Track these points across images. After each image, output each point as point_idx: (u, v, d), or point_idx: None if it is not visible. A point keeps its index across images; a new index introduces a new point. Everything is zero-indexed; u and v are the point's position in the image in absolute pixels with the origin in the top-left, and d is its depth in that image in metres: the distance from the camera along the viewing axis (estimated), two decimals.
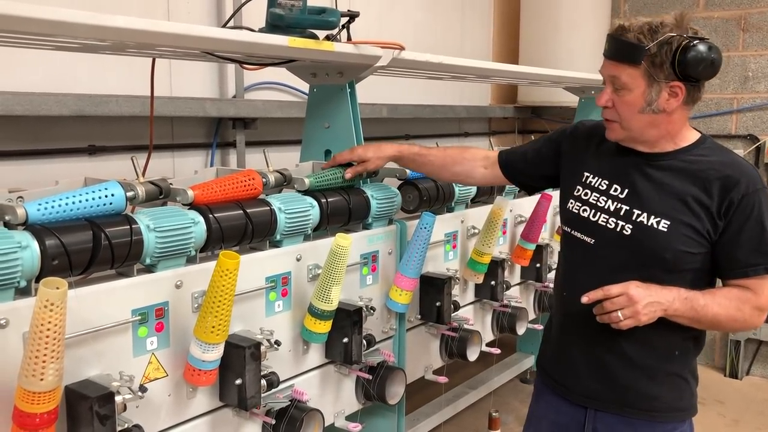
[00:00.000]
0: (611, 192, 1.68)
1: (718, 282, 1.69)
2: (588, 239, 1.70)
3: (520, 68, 3.27)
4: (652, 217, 1.60)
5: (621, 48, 1.56)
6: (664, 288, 1.57)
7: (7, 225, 1.35)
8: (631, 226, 1.63)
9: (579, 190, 1.74)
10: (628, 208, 1.64)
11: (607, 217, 1.66)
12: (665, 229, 1.59)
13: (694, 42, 1.50)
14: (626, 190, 1.66)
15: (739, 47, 4.20)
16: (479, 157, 2.04)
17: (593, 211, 1.69)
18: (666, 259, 1.60)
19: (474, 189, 2.57)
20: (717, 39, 4.22)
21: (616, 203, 1.66)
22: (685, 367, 1.72)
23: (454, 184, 2.45)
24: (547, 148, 1.91)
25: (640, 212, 1.62)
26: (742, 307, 1.59)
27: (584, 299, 1.58)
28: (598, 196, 1.70)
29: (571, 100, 3.90)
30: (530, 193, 2.11)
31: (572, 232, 1.74)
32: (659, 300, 1.54)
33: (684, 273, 1.61)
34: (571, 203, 1.75)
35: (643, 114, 1.58)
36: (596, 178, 1.72)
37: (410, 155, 2.07)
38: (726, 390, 4.09)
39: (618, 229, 1.64)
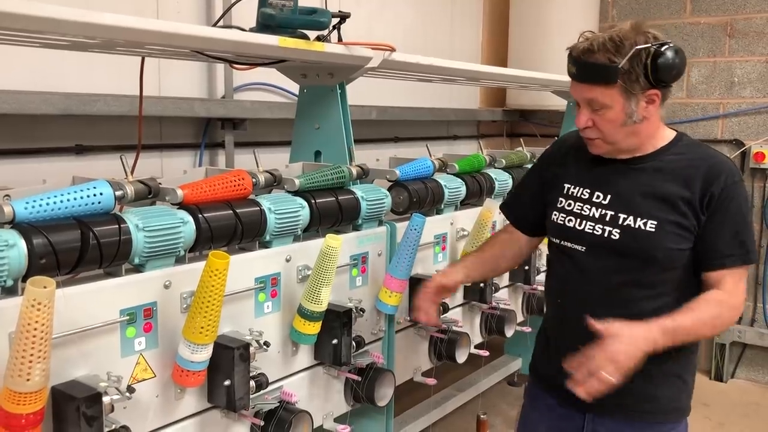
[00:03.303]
0: (594, 200, 1.69)
1: None
2: (579, 247, 1.71)
3: (509, 71, 3.29)
4: (639, 219, 1.62)
5: (592, 71, 1.56)
6: (645, 326, 1.52)
7: None
8: (618, 231, 1.64)
9: (561, 201, 1.76)
10: (613, 213, 1.65)
11: (593, 224, 1.68)
12: (653, 229, 1.60)
13: (662, 49, 1.52)
14: (609, 196, 1.68)
15: (726, 53, 4.24)
16: (506, 240, 1.96)
17: (578, 220, 1.71)
18: (657, 259, 1.61)
19: (464, 190, 2.57)
20: (703, 44, 4.26)
21: (600, 210, 1.67)
22: (683, 366, 1.73)
23: (443, 186, 2.45)
24: (534, 182, 1.90)
25: (626, 216, 1.64)
26: (721, 313, 1.60)
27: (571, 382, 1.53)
28: (582, 205, 1.71)
29: (560, 103, 3.92)
30: None
31: (561, 242, 1.75)
32: (641, 347, 1.50)
33: (674, 270, 1.63)
34: (555, 215, 1.76)
35: (625, 126, 1.60)
36: (577, 187, 1.74)
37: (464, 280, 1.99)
38: (711, 393, 4.12)
39: (606, 235, 1.65)
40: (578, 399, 1.75)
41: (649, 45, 1.53)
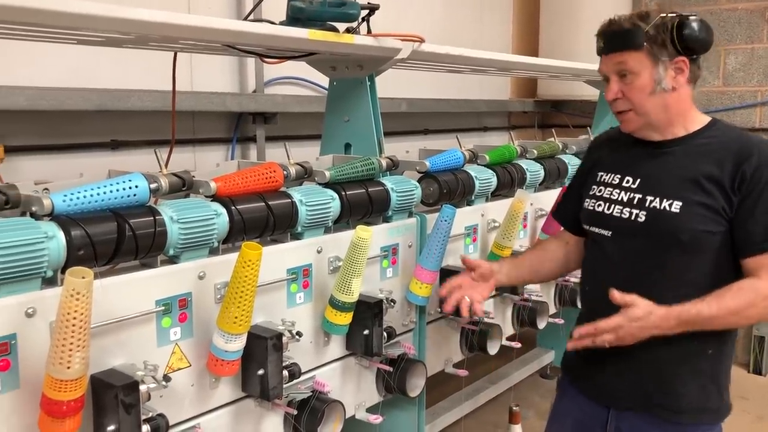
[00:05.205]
0: (624, 184, 1.69)
1: None
2: (606, 232, 1.70)
3: (541, 61, 3.26)
4: (665, 200, 1.60)
5: (619, 37, 1.61)
6: (664, 313, 1.52)
7: (34, 216, 1.37)
8: (645, 213, 1.63)
9: (594, 189, 1.76)
10: (641, 196, 1.65)
11: (621, 207, 1.67)
12: (678, 210, 1.58)
13: (688, 18, 1.56)
14: (638, 180, 1.67)
15: (764, 39, 4.13)
16: (551, 242, 1.99)
17: (607, 204, 1.71)
18: (682, 241, 1.58)
19: (495, 181, 2.56)
20: (741, 31, 4.16)
21: (629, 194, 1.67)
22: (715, 367, 1.68)
23: (474, 177, 2.44)
24: (577, 181, 1.90)
25: (652, 198, 1.63)
26: (756, 302, 1.53)
27: (575, 335, 1.60)
28: (612, 190, 1.71)
29: (592, 93, 3.86)
30: None
31: (591, 228, 1.76)
32: (650, 332, 1.54)
33: (704, 254, 1.59)
34: (587, 201, 1.77)
35: (654, 95, 1.60)
36: (609, 174, 1.75)
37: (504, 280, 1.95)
38: (750, 386, 4.03)
39: (632, 218, 1.64)
40: (603, 393, 1.73)
41: (675, 14, 1.57)
